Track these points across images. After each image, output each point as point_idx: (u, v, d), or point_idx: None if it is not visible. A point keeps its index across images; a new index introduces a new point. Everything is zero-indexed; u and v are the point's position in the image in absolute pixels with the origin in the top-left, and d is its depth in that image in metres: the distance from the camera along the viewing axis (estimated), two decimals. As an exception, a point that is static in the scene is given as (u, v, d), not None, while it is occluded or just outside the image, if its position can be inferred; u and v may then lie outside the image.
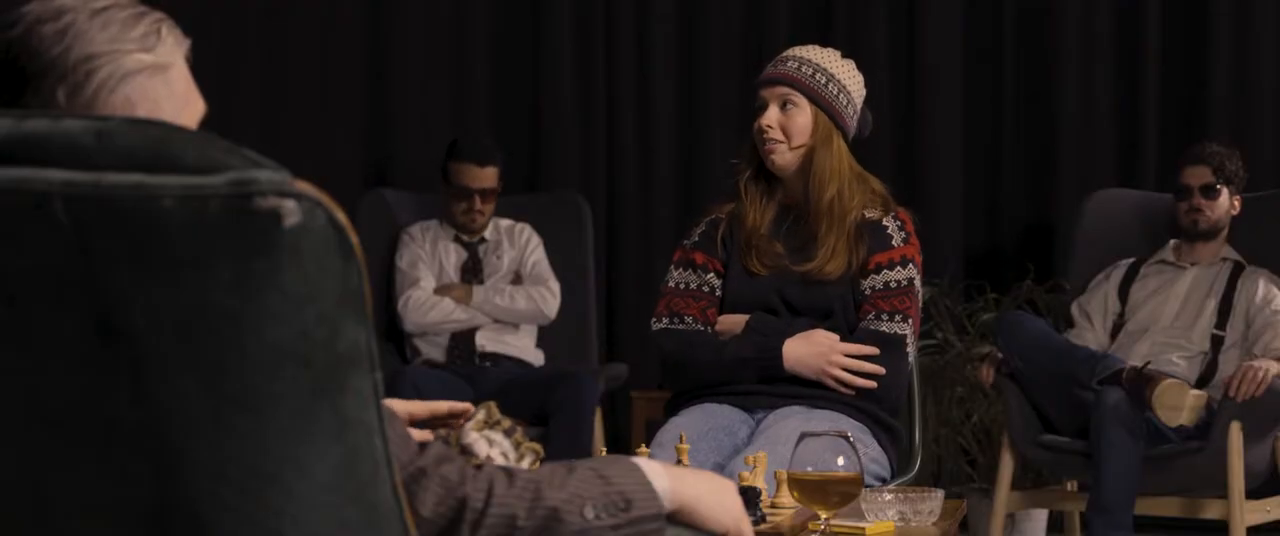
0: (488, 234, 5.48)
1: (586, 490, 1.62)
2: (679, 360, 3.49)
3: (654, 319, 3.55)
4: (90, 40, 1.63)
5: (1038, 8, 5.88)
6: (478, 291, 5.34)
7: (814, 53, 3.52)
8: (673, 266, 3.59)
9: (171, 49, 1.68)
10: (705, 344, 3.47)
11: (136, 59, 1.65)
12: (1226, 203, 4.94)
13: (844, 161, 3.49)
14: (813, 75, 3.48)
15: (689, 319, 3.51)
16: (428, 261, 5.42)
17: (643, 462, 1.70)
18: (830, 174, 3.46)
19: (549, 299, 5.38)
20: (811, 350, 3.41)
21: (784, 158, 3.48)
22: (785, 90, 3.48)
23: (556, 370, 5.26)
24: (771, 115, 3.48)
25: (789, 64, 3.50)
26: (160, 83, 1.67)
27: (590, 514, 1.62)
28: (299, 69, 5.87)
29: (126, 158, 1.32)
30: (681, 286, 3.54)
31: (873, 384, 3.41)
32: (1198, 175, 4.95)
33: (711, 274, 3.53)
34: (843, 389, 3.41)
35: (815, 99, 3.48)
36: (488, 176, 5.40)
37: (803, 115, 3.47)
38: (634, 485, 1.66)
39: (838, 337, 3.42)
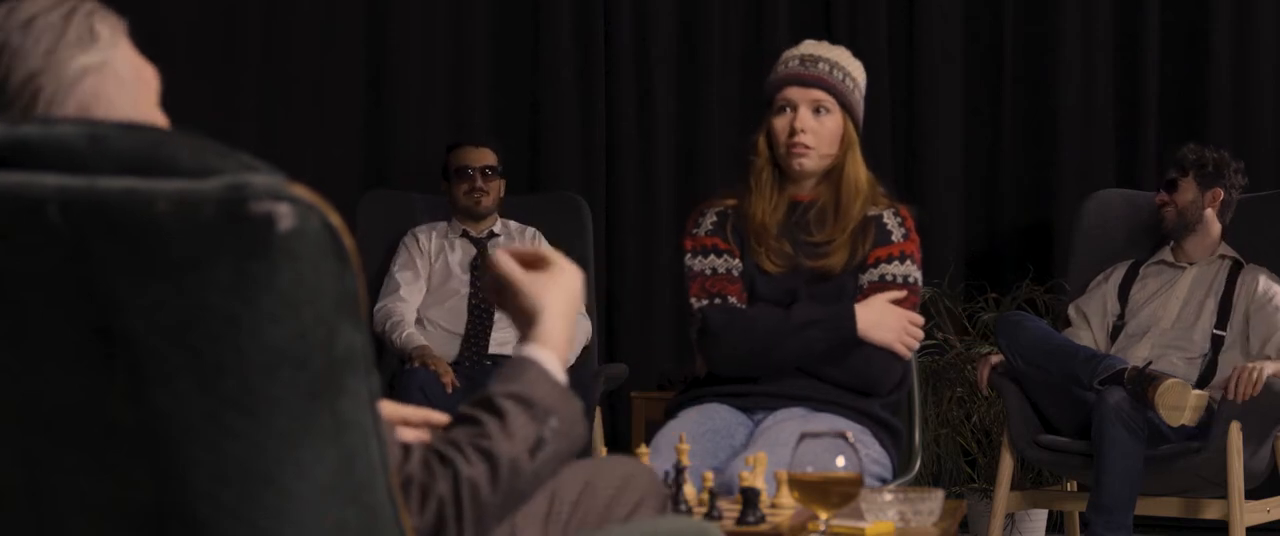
0: (496, 229, 5.47)
1: (524, 430, 1.63)
2: (734, 332, 3.39)
3: (693, 299, 3.45)
4: (27, 57, 1.61)
5: (1038, 8, 5.88)
6: None
7: (836, 53, 3.47)
8: (690, 253, 3.50)
9: (109, 39, 1.66)
10: (760, 316, 3.41)
11: (79, 64, 1.63)
12: (1191, 194, 4.94)
13: (864, 169, 3.47)
14: (843, 80, 3.43)
15: (732, 299, 3.43)
16: (423, 265, 5.39)
17: (540, 356, 1.70)
18: (858, 184, 3.44)
19: (587, 326, 5.38)
20: (891, 314, 3.38)
21: (813, 164, 3.44)
22: (820, 95, 3.42)
23: (556, 371, 5.24)
24: (806, 120, 3.41)
25: (821, 66, 3.43)
26: (108, 78, 1.65)
27: (537, 453, 1.62)
28: (299, 69, 5.87)
29: (120, 162, 1.33)
30: (711, 271, 3.46)
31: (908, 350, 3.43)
32: (1169, 173, 4.99)
33: (736, 259, 3.48)
34: (907, 353, 3.41)
35: (846, 106, 3.44)
36: (484, 155, 5.42)
37: (834, 122, 3.42)
38: (549, 394, 1.67)
39: None
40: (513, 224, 5.51)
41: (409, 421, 1.96)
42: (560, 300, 1.76)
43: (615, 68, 6.04)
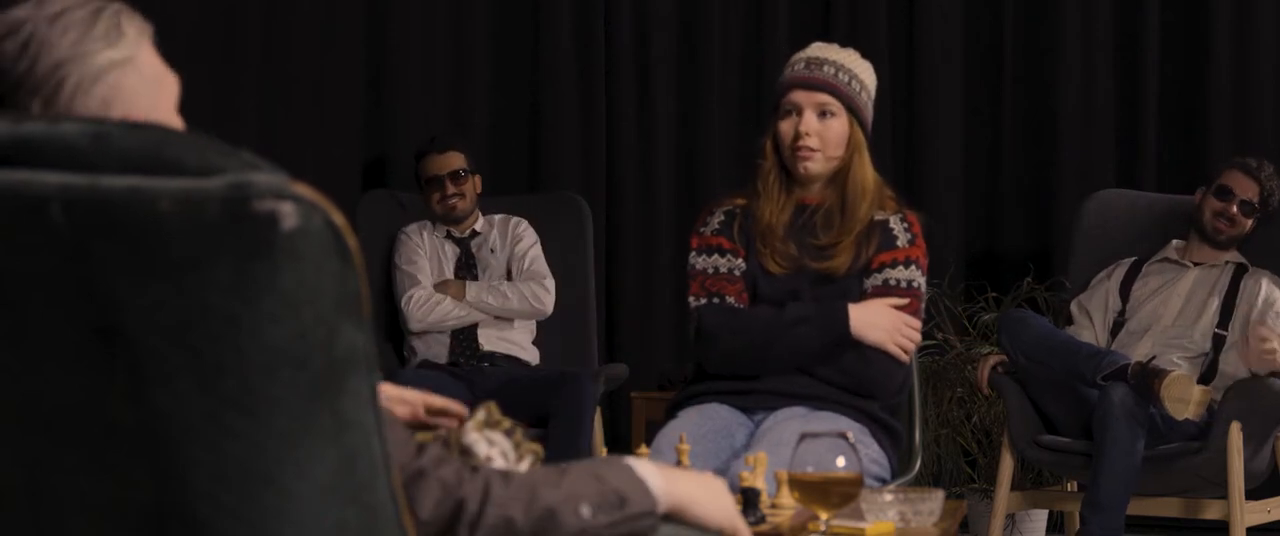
0: (479, 227, 5.48)
1: (582, 489, 1.63)
2: (728, 330, 3.41)
3: (691, 298, 3.46)
4: (54, 47, 1.63)
5: (1038, 8, 5.88)
6: (471, 288, 5.34)
7: (843, 56, 3.46)
8: (695, 252, 3.50)
9: (134, 39, 1.68)
10: (754, 314, 3.42)
11: (105, 57, 1.65)
12: (1250, 226, 4.94)
13: (871, 171, 3.46)
14: (849, 83, 3.43)
15: (729, 299, 3.44)
16: (425, 258, 5.42)
17: (635, 463, 1.72)
18: (866, 187, 3.44)
19: (543, 295, 5.36)
20: (886, 315, 3.38)
21: (818, 166, 3.44)
22: (825, 98, 3.41)
23: (556, 371, 5.25)
24: (811, 123, 3.40)
25: (826, 69, 3.42)
26: (131, 74, 1.67)
27: (586, 512, 1.63)
28: (299, 69, 5.87)
29: (123, 160, 1.32)
30: (712, 270, 3.47)
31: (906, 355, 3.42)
32: (1246, 187, 4.93)
33: (740, 260, 3.50)
34: (904, 356, 3.40)
35: (852, 109, 3.43)
36: (451, 160, 5.42)
37: (840, 124, 3.42)
38: (628, 483, 1.68)
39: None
40: (497, 217, 5.51)
41: (406, 400, 1.97)
42: (699, 487, 1.77)
43: (615, 68, 6.04)
